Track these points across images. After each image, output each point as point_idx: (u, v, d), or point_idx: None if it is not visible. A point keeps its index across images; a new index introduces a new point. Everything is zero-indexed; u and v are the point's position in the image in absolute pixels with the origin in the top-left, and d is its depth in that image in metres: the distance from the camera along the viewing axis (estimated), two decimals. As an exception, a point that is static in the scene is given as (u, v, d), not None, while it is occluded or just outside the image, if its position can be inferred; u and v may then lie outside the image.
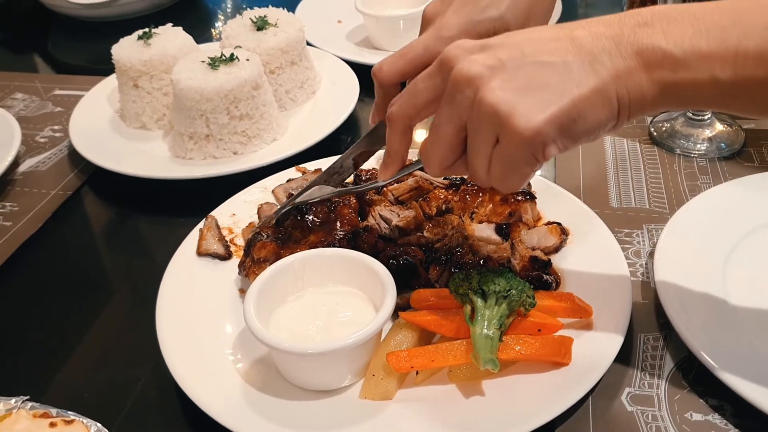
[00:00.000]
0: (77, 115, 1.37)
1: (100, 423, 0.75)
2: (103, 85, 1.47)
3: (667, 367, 0.82)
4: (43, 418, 0.74)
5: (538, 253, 0.92)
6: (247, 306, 0.80)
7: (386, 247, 0.92)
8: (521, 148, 0.63)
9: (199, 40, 1.43)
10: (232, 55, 1.23)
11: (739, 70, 0.60)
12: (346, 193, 0.98)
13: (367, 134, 0.91)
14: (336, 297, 0.85)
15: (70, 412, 0.76)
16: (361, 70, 1.40)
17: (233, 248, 1.01)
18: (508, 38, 0.67)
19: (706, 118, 1.22)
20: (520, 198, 0.99)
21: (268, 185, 1.12)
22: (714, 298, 0.86)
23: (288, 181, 1.12)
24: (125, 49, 1.32)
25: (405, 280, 0.88)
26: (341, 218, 0.97)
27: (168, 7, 1.96)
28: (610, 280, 0.88)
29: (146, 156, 1.26)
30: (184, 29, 1.40)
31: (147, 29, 1.35)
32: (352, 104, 1.34)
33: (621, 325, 0.82)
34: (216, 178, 1.18)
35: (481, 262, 0.89)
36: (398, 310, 0.85)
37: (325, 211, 0.97)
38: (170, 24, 1.40)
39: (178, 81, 1.19)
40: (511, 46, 0.65)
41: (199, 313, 0.90)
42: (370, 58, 1.53)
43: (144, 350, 0.88)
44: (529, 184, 1.03)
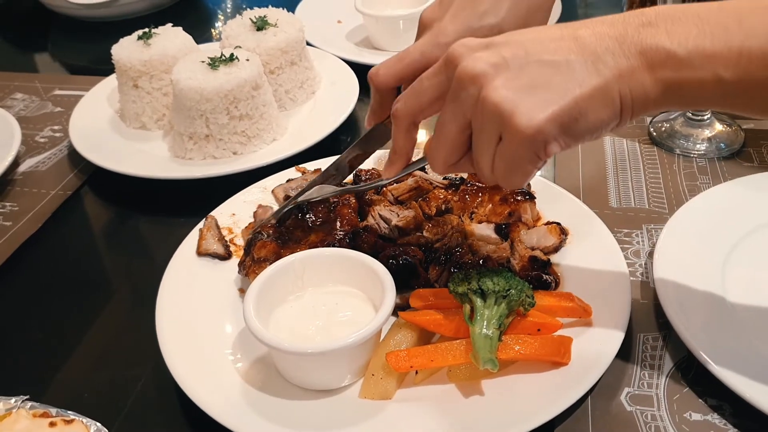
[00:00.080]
0: (77, 115, 1.37)
1: (100, 423, 0.75)
2: (103, 85, 1.47)
3: (667, 366, 0.82)
4: (43, 418, 0.74)
5: (537, 253, 0.92)
6: (247, 306, 0.80)
7: (386, 246, 0.92)
8: (523, 146, 0.63)
9: (199, 40, 1.43)
10: (232, 55, 1.23)
11: (743, 70, 0.60)
12: (348, 192, 0.98)
13: (362, 137, 0.91)
14: (336, 297, 0.85)
15: (69, 412, 0.76)
16: (361, 70, 1.40)
17: (233, 248, 1.01)
18: (513, 37, 0.67)
19: (706, 118, 1.22)
20: (519, 198, 0.99)
21: (267, 185, 1.12)
22: (713, 298, 0.86)
23: (288, 181, 1.12)
24: (125, 49, 1.32)
25: (404, 279, 0.88)
26: (341, 218, 0.97)
27: (168, 7, 1.96)
28: (610, 280, 0.88)
29: (146, 156, 1.26)
30: (184, 29, 1.40)
31: (147, 29, 1.35)
32: (351, 104, 1.34)
33: (620, 324, 0.82)
34: (216, 178, 1.18)
35: (481, 262, 0.89)
36: (398, 309, 0.85)
37: (325, 211, 0.98)
38: (170, 24, 1.40)
39: (178, 81, 1.20)
40: (515, 44, 0.65)
41: (199, 313, 0.90)
42: (370, 58, 1.53)
43: (144, 350, 0.88)
44: (528, 184, 1.03)
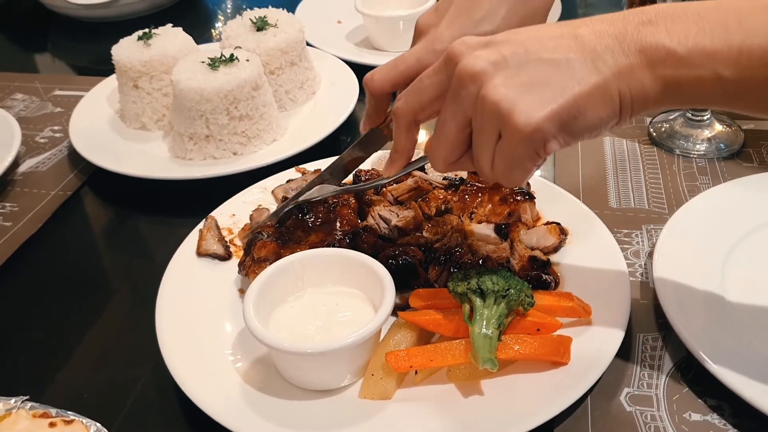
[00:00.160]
0: (77, 115, 1.37)
1: (100, 423, 0.75)
2: (103, 85, 1.47)
3: (666, 366, 0.82)
4: (43, 418, 0.74)
5: (537, 253, 0.92)
6: (247, 306, 0.80)
7: (385, 247, 0.92)
8: (522, 144, 0.64)
9: (199, 41, 1.43)
10: (232, 55, 1.23)
11: (743, 69, 0.60)
12: (348, 192, 0.98)
13: (357, 142, 0.91)
14: (335, 297, 0.85)
15: (69, 412, 0.76)
16: (361, 71, 1.39)
17: (233, 248, 1.01)
18: (513, 35, 0.67)
19: (706, 118, 1.22)
20: (519, 198, 0.99)
21: (267, 186, 1.12)
22: (713, 298, 0.86)
23: (288, 181, 1.12)
24: (125, 50, 1.32)
25: (404, 280, 0.88)
26: (341, 218, 0.97)
27: (168, 7, 1.96)
28: (609, 280, 0.88)
29: (146, 156, 1.27)
30: (184, 30, 1.40)
31: (147, 30, 1.35)
32: (351, 105, 1.34)
33: (620, 324, 0.82)
34: (216, 179, 1.18)
35: (480, 262, 0.89)
36: (397, 309, 0.85)
37: (325, 212, 0.98)
38: (170, 24, 1.40)
39: (178, 81, 1.20)
40: (515, 42, 0.66)
41: (199, 313, 0.90)
42: (370, 58, 1.53)
43: (144, 350, 0.89)
44: (528, 184, 1.04)
